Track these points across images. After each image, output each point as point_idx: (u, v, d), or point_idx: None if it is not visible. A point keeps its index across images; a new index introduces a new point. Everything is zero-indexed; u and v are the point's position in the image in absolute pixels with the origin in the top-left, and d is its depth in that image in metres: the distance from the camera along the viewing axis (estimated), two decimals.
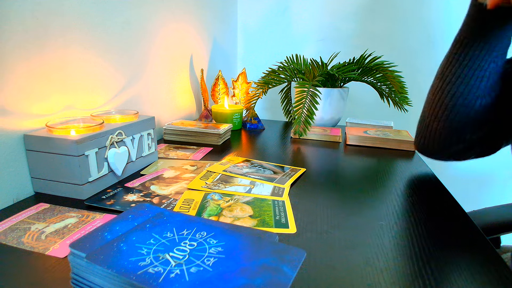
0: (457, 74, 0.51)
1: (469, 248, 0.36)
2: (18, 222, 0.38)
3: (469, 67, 0.50)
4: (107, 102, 0.61)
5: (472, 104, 0.51)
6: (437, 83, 0.54)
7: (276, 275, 0.24)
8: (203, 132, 0.75)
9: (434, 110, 0.54)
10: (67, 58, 0.51)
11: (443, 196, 0.50)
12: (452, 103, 0.52)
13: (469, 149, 0.54)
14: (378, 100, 0.94)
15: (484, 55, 0.49)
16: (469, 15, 0.50)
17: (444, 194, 0.51)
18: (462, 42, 0.51)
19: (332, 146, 0.77)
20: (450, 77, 0.52)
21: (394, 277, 0.31)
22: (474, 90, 0.50)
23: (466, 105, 0.51)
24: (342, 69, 0.87)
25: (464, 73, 0.50)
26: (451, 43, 0.53)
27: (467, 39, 0.50)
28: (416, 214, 0.43)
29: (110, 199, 0.45)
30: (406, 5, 1.13)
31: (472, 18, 0.49)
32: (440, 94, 0.53)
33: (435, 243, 0.37)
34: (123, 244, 0.27)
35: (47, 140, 0.43)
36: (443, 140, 0.54)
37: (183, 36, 0.89)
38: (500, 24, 0.47)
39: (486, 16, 0.47)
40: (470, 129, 0.52)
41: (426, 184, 0.55)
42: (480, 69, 0.50)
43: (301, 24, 1.25)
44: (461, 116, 0.52)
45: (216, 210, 0.43)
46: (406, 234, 0.38)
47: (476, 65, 0.50)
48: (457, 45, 0.52)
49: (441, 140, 0.54)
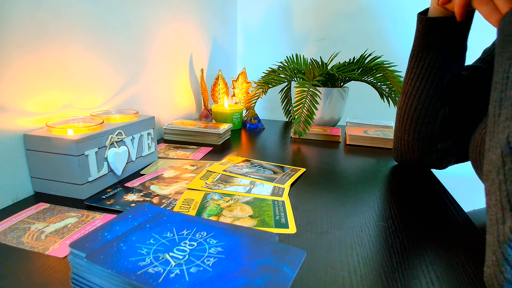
0: (416, 87, 0.53)
1: (469, 248, 0.36)
2: (18, 222, 0.38)
3: (427, 79, 0.52)
4: (107, 102, 0.61)
5: (435, 113, 0.53)
6: (401, 98, 0.56)
7: (276, 275, 0.24)
8: (203, 132, 0.75)
9: (402, 123, 0.56)
10: (67, 57, 0.51)
11: (443, 196, 0.50)
12: (416, 115, 0.54)
13: (444, 157, 0.56)
14: (378, 100, 0.94)
15: (439, 65, 0.51)
16: (418, 30, 0.52)
17: (444, 193, 0.51)
18: (417, 56, 0.53)
19: (332, 146, 0.77)
20: (411, 91, 0.54)
21: (395, 277, 0.31)
22: (435, 101, 0.52)
23: (430, 115, 0.53)
24: (342, 69, 0.87)
25: (422, 86, 0.52)
26: (408, 60, 0.55)
27: (420, 53, 0.52)
28: (416, 214, 0.43)
29: (110, 199, 0.44)
30: (406, 5, 1.13)
31: (421, 33, 0.51)
32: (405, 108, 0.55)
33: (435, 243, 0.37)
34: (123, 244, 0.27)
35: (47, 140, 0.43)
36: (416, 151, 0.56)
37: (183, 36, 0.89)
38: (449, 35, 0.49)
39: (435, 29, 0.49)
40: (440, 138, 0.54)
41: (426, 184, 0.55)
42: (438, 80, 0.51)
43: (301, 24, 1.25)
44: (428, 127, 0.53)
45: (216, 210, 0.43)
46: (406, 234, 0.38)
47: (433, 77, 0.51)
48: (413, 60, 0.54)
49: (414, 152, 0.57)
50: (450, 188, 0.53)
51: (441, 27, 0.49)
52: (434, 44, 0.50)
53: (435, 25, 0.49)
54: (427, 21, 0.50)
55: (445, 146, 0.54)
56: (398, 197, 0.49)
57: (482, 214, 0.62)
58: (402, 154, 0.59)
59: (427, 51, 0.51)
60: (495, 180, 0.28)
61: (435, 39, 0.50)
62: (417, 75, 0.53)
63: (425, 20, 0.50)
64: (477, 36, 0.63)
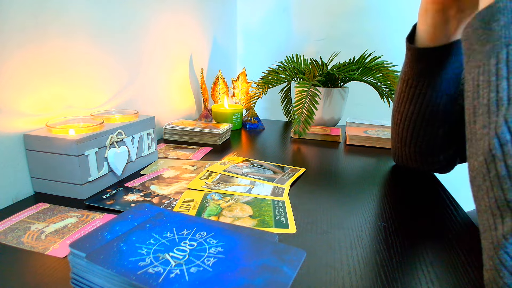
0: (411, 110, 0.51)
1: (469, 248, 0.36)
2: (18, 222, 0.38)
3: (420, 103, 0.50)
4: (107, 102, 0.61)
5: (434, 132, 0.51)
6: (396, 116, 0.54)
7: (276, 275, 0.24)
8: (203, 132, 0.75)
9: (401, 138, 0.55)
10: (67, 57, 0.51)
11: (443, 196, 0.50)
12: (415, 134, 0.52)
13: (448, 165, 0.55)
14: (378, 100, 0.94)
15: (432, 92, 0.49)
16: (408, 57, 0.50)
17: (444, 193, 0.51)
18: (408, 82, 0.51)
19: (332, 146, 0.77)
20: (406, 113, 0.52)
21: (395, 277, 0.31)
22: (432, 122, 0.50)
23: (429, 134, 0.51)
24: (342, 69, 0.87)
25: (417, 110, 0.51)
26: (399, 79, 0.53)
27: (411, 80, 0.50)
28: (416, 214, 0.43)
29: (110, 199, 0.44)
30: (406, 4, 1.13)
31: (411, 60, 0.49)
32: (402, 126, 0.53)
33: (435, 243, 0.37)
34: (123, 244, 0.27)
35: (47, 140, 0.43)
36: (419, 160, 0.55)
37: (183, 36, 0.89)
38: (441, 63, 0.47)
39: (425, 59, 0.47)
40: (442, 150, 0.53)
41: (426, 184, 0.55)
42: (433, 104, 0.49)
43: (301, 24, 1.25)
44: (428, 143, 0.52)
45: (216, 210, 0.43)
46: (406, 234, 0.38)
47: (428, 102, 0.49)
48: (404, 84, 0.51)
49: (417, 161, 0.56)
50: (450, 188, 0.53)
51: (431, 57, 0.47)
52: (425, 72, 0.48)
53: (424, 56, 0.47)
54: (417, 51, 0.48)
55: (448, 156, 0.53)
56: (398, 197, 0.49)
57: None
58: (402, 161, 0.58)
59: (417, 78, 0.49)
60: (482, 186, 0.28)
61: (426, 67, 0.48)
62: (409, 100, 0.51)
63: (414, 50, 0.48)
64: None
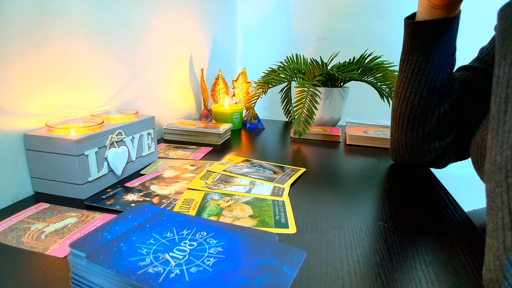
0: (409, 89, 0.54)
1: (469, 248, 0.36)
2: (18, 222, 0.38)
3: (419, 81, 0.52)
4: (107, 102, 0.61)
5: (431, 113, 0.53)
6: (395, 101, 0.57)
7: (276, 275, 0.24)
8: (203, 132, 0.75)
9: (399, 125, 0.57)
10: (67, 58, 0.51)
11: (442, 196, 0.50)
12: (412, 116, 0.54)
13: (443, 156, 0.56)
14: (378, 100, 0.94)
15: (430, 67, 0.51)
16: (407, 35, 0.53)
17: (444, 193, 0.51)
18: (408, 60, 0.53)
19: (332, 146, 0.77)
20: (405, 93, 0.54)
21: (395, 277, 0.31)
22: (429, 101, 0.53)
23: (426, 114, 0.53)
24: (342, 69, 0.87)
25: (415, 88, 0.53)
26: (399, 63, 0.56)
27: (411, 56, 0.53)
28: (416, 214, 0.43)
29: (110, 199, 0.44)
30: (406, 5, 1.13)
31: (410, 37, 0.52)
32: (399, 109, 0.56)
33: (435, 243, 0.37)
34: (123, 244, 0.27)
35: (47, 140, 0.43)
36: (415, 151, 0.57)
37: (183, 36, 0.89)
38: (438, 37, 0.50)
39: (423, 32, 0.50)
40: (438, 136, 0.54)
41: (426, 184, 0.55)
42: (430, 82, 0.52)
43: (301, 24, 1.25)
44: (425, 125, 0.54)
45: (216, 210, 0.43)
46: (406, 234, 0.38)
47: (425, 78, 0.52)
48: (404, 63, 0.54)
49: (413, 151, 0.57)
50: (450, 188, 0.53)
51: (429, 30, 0.49)
52: (423, 47, 0.51)
53: (422, 29, 0.50)
54: (415, 26, 0.50)
55: (444, 144, 0.54)
56: (398, 197, 0.49)
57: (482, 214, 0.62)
58: (400, 154, 0.59)
59: (416, 54, 0.52)
60: (502, 183, 0.26)
61: (424, 42, 0.50)
62: (408, 78, 0.53)
63: (412, 25, 0.50)
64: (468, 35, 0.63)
